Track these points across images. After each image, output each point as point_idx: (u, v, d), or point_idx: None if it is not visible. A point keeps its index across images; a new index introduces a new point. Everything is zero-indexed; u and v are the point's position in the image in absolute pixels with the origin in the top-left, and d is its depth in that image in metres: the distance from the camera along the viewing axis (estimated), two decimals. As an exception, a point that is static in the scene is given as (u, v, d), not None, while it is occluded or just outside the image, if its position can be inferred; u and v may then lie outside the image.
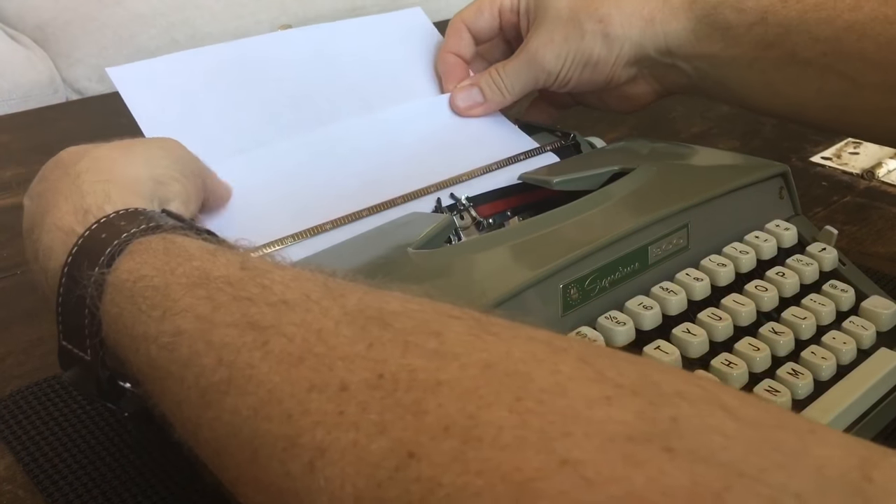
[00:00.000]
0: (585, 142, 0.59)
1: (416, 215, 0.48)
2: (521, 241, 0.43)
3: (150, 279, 0.32)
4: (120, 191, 0.38)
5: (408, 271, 0.42)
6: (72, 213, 0.37)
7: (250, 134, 0.53)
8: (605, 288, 0.42)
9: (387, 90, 0.58)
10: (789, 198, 0.51)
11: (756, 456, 0.20)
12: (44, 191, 0.39)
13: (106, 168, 0.39)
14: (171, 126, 0.50)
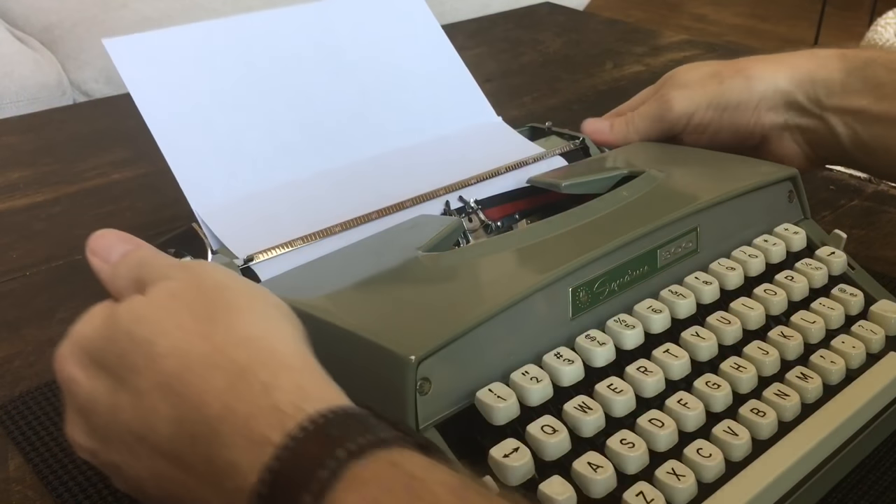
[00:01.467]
0: (594, 145, 0.59)
1: (425, 218, 0.48)
2: (530, 244, 0.43)
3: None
4: (311, 379, 0.30)
5: (417, 274, 0.42)
6: (261, 417, 0.28)
7: (246, 112, 0.52)
8: (615, 291, 0.42)
9: (383, 71, 0.58)
10: (798, 201, 0.51)
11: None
12: (195, 392, 0.30)
13: (266, 347, 0.31)
14: (167, 101, 0.50)
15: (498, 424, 0.36)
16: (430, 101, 0.58)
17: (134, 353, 0.31)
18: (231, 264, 0.43)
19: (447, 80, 0.60)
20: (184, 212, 0.69)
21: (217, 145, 0.50)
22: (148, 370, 0.31)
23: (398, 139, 0.55)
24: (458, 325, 0.36)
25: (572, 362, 0.38)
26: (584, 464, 0.35)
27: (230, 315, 0.32)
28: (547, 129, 0.61)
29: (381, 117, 0.56)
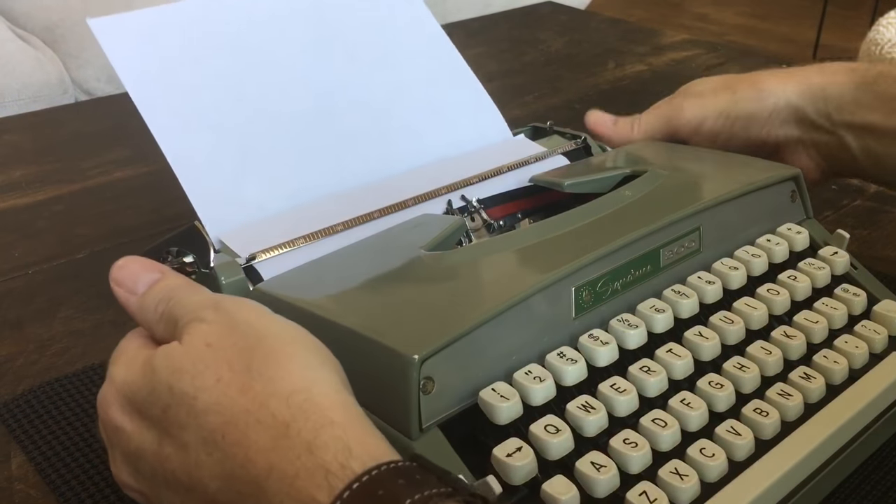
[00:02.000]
0: (596, 144, 0.59)
1: (428, 217, 0.48)
2: (532, 243, 0.43)
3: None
4: (355, 433, 0.29)
5: (420, 273, 0.42)
6: (307, 477, 0.28)
7: (235, 92, 0.51)
8: (617, 290, 0.42)
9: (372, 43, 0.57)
10: (801, 201, 0.51)
11: None
12: (239, 449, 0.30)
13: (308, 400, 0.30)
14: (155, 82, 0.49)
15: (501, 424, 0.35)
16: (442, 122, 0.58)
17: (176, 408, 0.31)
18: (233, 263, 0.43)
19: (462, 99, 0.59)
20: (187, 210, 0.69)
21: (217, 140, 0.50)
22: (191, 425, 0.31)
23: (406, 161, 0.55)
24: (461, 325, 0.36)
25: (575, 362, 0.38)
26: (588, 463, 0.35)
27: (269, 365, 0.31)
28: (549, 128, 0.61)
29: (390, 135, 0.55)
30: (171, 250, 0.46)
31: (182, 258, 0.45)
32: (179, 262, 0.45)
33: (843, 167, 0.56)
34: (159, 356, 0.33)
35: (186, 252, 0.46)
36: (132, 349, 0.35)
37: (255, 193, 0.49)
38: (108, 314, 0.56)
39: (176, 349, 0.33)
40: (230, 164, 0.49)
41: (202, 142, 0.49)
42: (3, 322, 0.55)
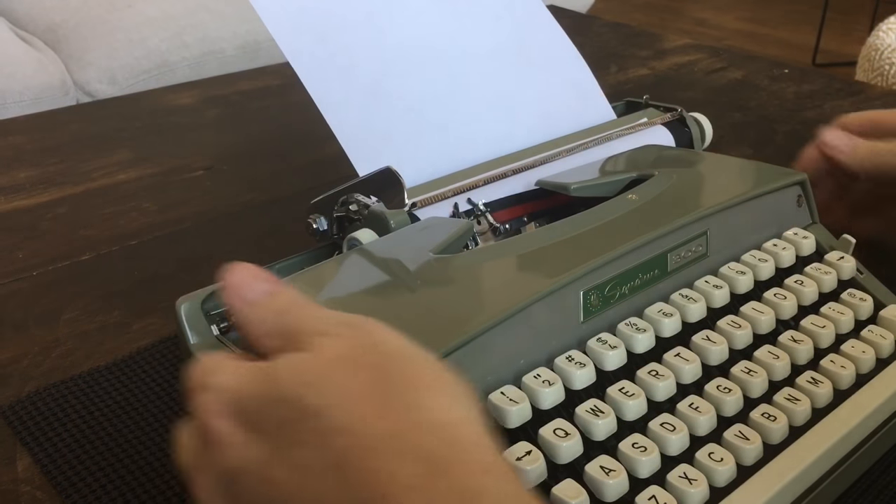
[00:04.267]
0: (692, 118, 0.60)
1: (435, 220, 0.48)
2: (540, 247, 0.43)
3: None
4: (507, 481, 0.27)
5: (428, 276, 0.42)
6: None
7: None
8: (625, 294, 0.42)
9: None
10: (807, 206, 0.51)
11: None
12: (376, 481, 0.26)
13: (459, 439, 0.27)
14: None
15: (510, 427, 0.35)
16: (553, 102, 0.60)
17: (298, 424, 0.27)
18: (400, 210, 0.47)
19: (562, 75, 0.62)
20: (191, 212, 0.69)
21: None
22: (315, 446, 0.27)
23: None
24: (470, 328, 0.36)
25: (584, 366, 0.38)
26: (597, 467, 0.35)
27: (413, 392, 0.28)
28: (644, 101, 0.63)
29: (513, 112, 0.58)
30: (358, 198, 0.48)
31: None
32: (364, 206, 0.48)
33: None
34: (282, 366, 0.29)
35: (377, 198, 0.48)
36: (231, 359, 0.31)
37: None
38: (113, 316, 0.56)
39: (303, 359, 0.29)
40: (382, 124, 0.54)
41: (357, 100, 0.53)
42: (7, 324, 0.55)
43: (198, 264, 0.61)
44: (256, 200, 0.71)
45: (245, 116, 0.89)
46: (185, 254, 0.63)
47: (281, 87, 0.93)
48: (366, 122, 0.53)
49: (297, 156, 0.77)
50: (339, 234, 0.50)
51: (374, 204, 0.48)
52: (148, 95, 0.98)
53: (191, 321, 0.49)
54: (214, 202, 0.71)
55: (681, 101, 0.63)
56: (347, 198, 0.49)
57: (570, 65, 0.63)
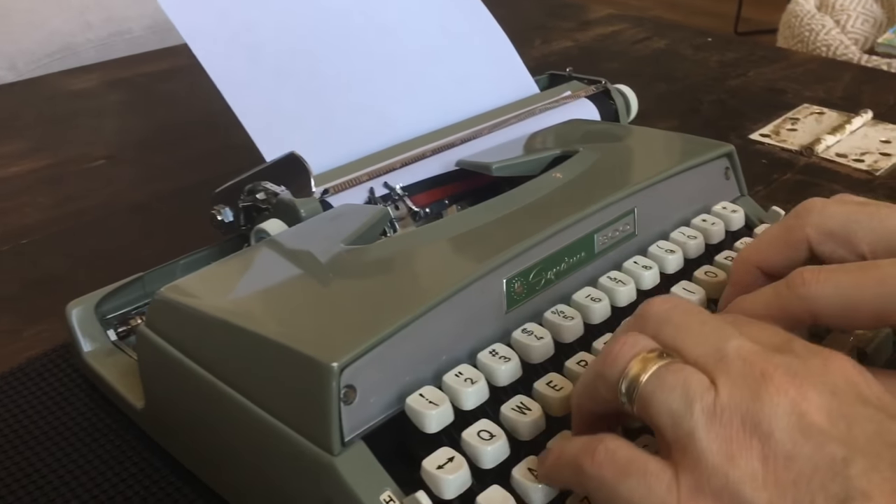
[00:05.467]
0: (616, 90, 0.58)
1: (348, 207, 0.45)
2: (460, 232, 0.40)
3: None
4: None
5: (340, 269, 0.39)
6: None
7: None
8: (551, 280, 0.39)
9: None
10: (735, 178, 0.50)
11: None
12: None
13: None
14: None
15: (430, 432, 0.33)
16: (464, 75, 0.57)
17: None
18: (311, 198, 0.44)
19: (482, 49, 0.59)
20: (90, 206, 0.64)
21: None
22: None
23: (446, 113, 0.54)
24: (384, 326, 0.33)
25: (508, 360, 0.35)
26: (525, 470, 0.32)
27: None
28: (567, 74, 0.61)
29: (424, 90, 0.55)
30: (262, 186, 0.45)
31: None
32: (272, 194, 0.44)
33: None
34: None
35: (282, 187, 0.45)
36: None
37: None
38: (1, 322, 0.51)
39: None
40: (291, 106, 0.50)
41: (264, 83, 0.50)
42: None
43: (97, 262, 0.57)
44: (162, 191, 0.66)
45: (150, 100, 0.84)
46: (83, 251, 0.58)
47: (190, 68, 0.87)
48: (273, 105, 0.49)
49: (206, 142, 0.72)
50: (246, 226, 0.46)
51: (283, 192, 0.44)
52: (45, 80, 0.91)
53: (83, 327, 0.45)
54: (116, 194, 0.66)
55: (606, 72, 0.61)
56: (254, 186, 0.45)
57: (490, 39, 0.60)
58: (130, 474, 0.40)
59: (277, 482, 0.35)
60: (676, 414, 0.25)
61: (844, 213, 0.34)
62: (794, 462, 0.23)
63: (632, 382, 0.27)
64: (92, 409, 0.44)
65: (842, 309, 0.31)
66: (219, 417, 0.36)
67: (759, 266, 0.37)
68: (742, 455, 0.24)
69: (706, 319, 0.29)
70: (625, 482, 0.26)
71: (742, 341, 0.27)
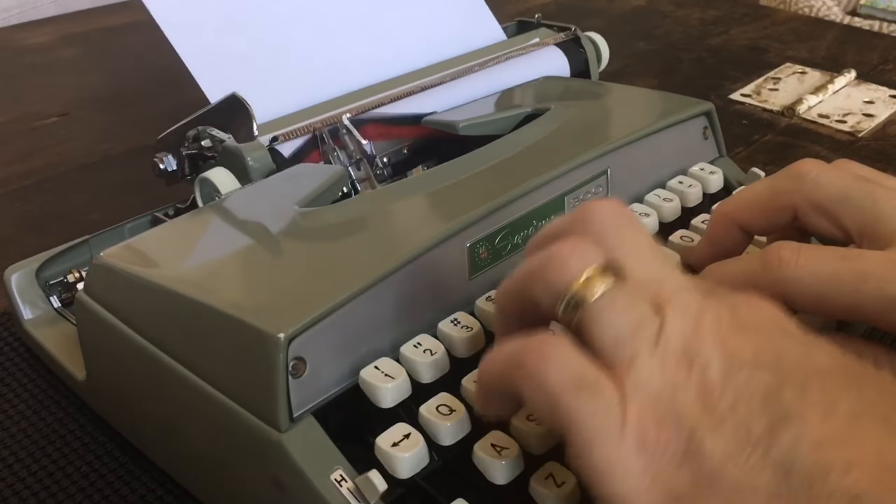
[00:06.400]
0: (587, 38, 0.56)
1: (305, 167, 0.43)
2: (422, 194, 0.37)
3: None
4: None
5: (292, 233, 0.36)
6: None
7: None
8: (518, 245, 0.37)
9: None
10: (713, 138, 0.48)
11: None
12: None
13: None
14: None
15: (386, 407, 0.31)
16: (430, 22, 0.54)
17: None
18: (258, 144, 0.41)
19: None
20: (39, 165, 0.61)
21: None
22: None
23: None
24: (337, 294, 0.31)
25: (471, 329, 0.33)
26: (487, 446, 0.30)
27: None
28: (536, 21, 0.58)
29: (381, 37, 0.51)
30: (208, 131, 0.42)
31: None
32: (218, 141, 0.41)
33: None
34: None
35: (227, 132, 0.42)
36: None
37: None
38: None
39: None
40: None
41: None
42: None
43: (45, 224, 0.54)
44: (116, 150, 0.63)
45: (107, 56, 0.80)
46: (31, 213, 0.55)
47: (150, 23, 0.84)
48: (220, 47, 0.46)
49: (164, 99, 0.69)
50: (191, 175, 0.43)
51: (229, 139, 0.41)
52: (-4, 34, 0.87)
53: (23, 293, 0.43)
54: (68, 153, 0.63)
55: (583, 29, 0.58)
56: (198, 132, 0.42)
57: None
58: (73, 449, 0.38)
59: (224, 460, 0.33)
60: (621, 336, 0.25)
61: (839, 187, 0.32)
62: (729, 391, 0.24)
63: (576, 296, 0.26)
64: (33, 379, 0.42)
65: (816, 298, 0.30)
66: (162, 391, 0.34)
67: (740, 224, 0.35)
68: (683, 384, 0.24)
69: (651, 243, 0.28)
70: (572, 393, 0.24)
71: (682, 278, 0.27)
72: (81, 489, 0.36)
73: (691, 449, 0.23)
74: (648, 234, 0.29)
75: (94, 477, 0.37)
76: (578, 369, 0.25)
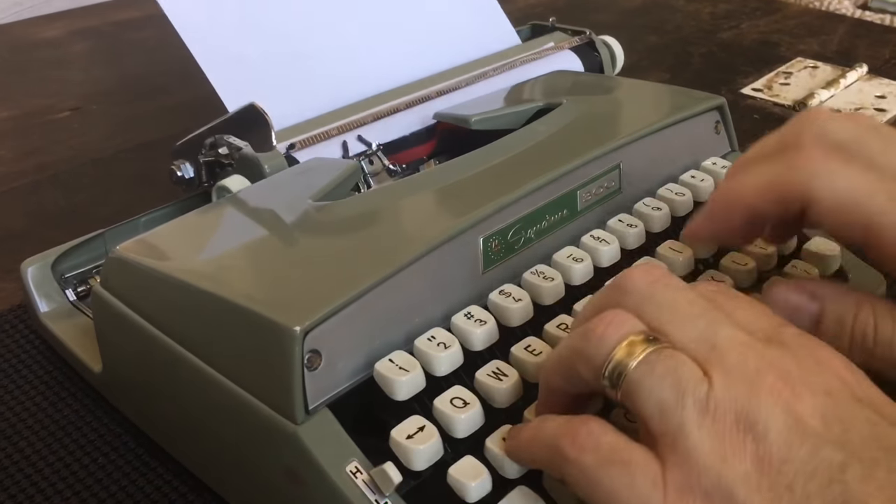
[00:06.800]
0: (601, 41, 0.56)
1: (318, 161, 0.43)
2: (435, 188, 0.38)
3: None
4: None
5: (307, 227, 0.36)
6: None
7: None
8: (531, 239, 0.37)
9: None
10: (725, 133, 0.48)
11: None
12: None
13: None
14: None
15: (401, 400, 0.31)
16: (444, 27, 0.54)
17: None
18: (275, 152, 0.41)
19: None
20: (53, 160, 0.62)
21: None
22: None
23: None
24: (351, 288, 0.31)
25: (485, 323, 0.33)
26: (500, 440, 0.30)
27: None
28: (550, 25, 0.58)
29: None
30: (226, 139, 0.42)
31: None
32: (235, 148, 0.42)
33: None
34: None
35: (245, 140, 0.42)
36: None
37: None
38: (-43, 283, 0.49)
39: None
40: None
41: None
42: None
43: (58, 218, 0.54)
44: (129, 144, 0.63)
45: (119, 50, 0.80)
46: (46, 207, 0.56)
47: (161, 17, 0.84)
48: (237, 52, 0.47)
49: (176, 93, 0.69)
50: (208, 182, 0.44)
51: (246, 147, 0.42)
52: (8, 29, 0.87)
53: (39, 286, 0.43)
54: (81, 147, 0.63)
55: (594, 23, 0.58)
56: (216, 140, 0.43)
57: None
58: (89, 441, 0.38)
59: (239, 451, 0.33)
60: (666, 405, 0.23)
61: (851, 183, 0.28)
62: (789, 465, 0.22)
63: (617, 367, 0.25)
64: (49, 371, 0.42)
65: (837, 210, 0.28)
66: (177, 383, 0.34)
67: (747, 210, 0.31)
68: (736, 455, 0.22)
69: (693, 299, 0.26)
70: (607, 471, 0.24)
71: (734, 331, 0.25)
72: (98, 480, 0.36)
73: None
74: (691, 292, 0.27)
75: (111, 468, 0.37)
76: (611, 446, 0.24)
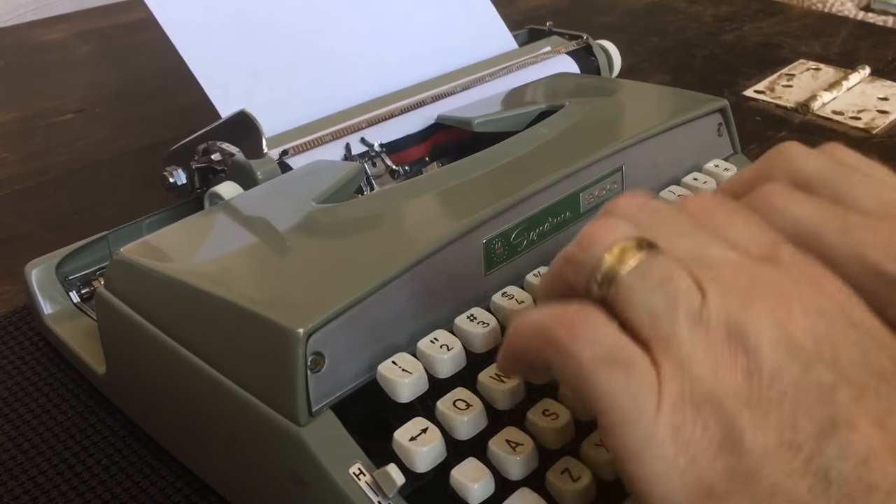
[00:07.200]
0: (598, 46, 0.56)
1: (322, 163, 0.43)
2: (438, 191, 0.38)
3: None
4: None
5: (310, 229, 0.36)
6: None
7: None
8: (534, 241, 0.37)
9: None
10: (728, 135, 0.48)
11: None
12: None
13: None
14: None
15: (403, 402, 0.31)
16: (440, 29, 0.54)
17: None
18: (268, 158, 0.41)
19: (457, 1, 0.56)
20: (57, 162, 0.62)
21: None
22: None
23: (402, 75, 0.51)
24: (355, 289, 0.31)
25: (487, 325, 0.33)
26: (502, 442, 0.30)
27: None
28: (547, 29, 0.58)
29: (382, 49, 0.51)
30: (219, 145, 0.42)
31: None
32: (228, 155, 0.42)
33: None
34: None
35: (236, 148, 0.43)
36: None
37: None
38: (-39, 285, 0.49)
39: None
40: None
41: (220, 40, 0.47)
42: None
43: (62, 220, 0.54)
44: (133, 146, 0.63)
45: (122, 52, 0.80)
46: (49, 209, 0.56)
47: (164, 19, 0.84)
48: (230, 59, 0.46)
49: (179, 96, 0.69)
50: (200, 188, 0.44)
51: (239, 154, 0.42)
52: (12, 32, 0.88)
53: (43, 288, 0.43)
54: (85, 149, 0.63)
55: (597, 25, 0.58)
56: (208, 146, 0.43)
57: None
58: (93, 443, 0.38)
59: (243, 453, 0.33)
60: (657, 311, 0.23)
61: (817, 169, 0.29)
62: (779, 381, 0.21)
63: (609, 270, 0.24)
64: (53, 373, 0.42)
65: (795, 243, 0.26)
66: (181, 385, 0.34)
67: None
68: (727, 368, 0.22)
69: (684, 219, 0.26)
70: (604, 369, 0.22)
71: (726, 250, 0.24)
72: (102, 482, 0.36)
73: (730, 440, 0.21)
74: (682, 212, 0.26)
75: (115, 470, 0.37)
76: (611, 343, 0.23)
